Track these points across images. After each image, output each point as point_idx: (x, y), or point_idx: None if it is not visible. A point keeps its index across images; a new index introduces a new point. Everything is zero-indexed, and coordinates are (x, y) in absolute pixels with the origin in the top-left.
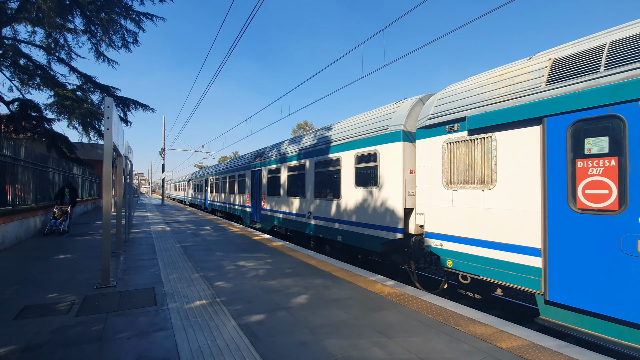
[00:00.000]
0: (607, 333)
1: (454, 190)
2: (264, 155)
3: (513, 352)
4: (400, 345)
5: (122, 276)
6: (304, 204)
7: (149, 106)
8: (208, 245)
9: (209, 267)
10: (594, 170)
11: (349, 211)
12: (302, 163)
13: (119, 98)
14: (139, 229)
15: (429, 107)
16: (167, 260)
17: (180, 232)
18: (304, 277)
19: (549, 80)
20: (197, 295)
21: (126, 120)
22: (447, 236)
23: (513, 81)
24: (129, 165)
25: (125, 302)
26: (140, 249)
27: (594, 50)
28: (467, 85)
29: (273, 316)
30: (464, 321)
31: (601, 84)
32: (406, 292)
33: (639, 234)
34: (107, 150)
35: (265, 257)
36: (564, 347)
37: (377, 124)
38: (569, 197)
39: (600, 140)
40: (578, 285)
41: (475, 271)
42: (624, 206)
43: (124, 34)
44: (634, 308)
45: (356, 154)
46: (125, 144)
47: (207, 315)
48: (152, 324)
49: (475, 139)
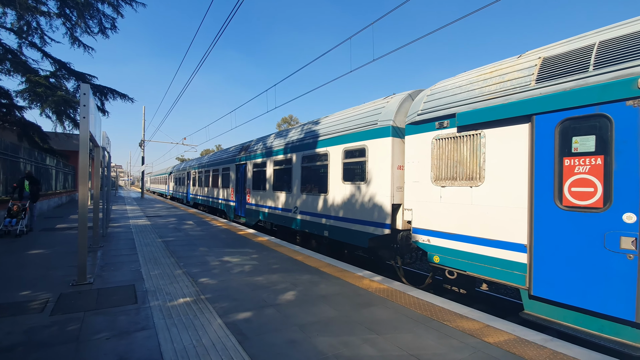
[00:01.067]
0: (588, 327)
1: (443, 186)
2: (250, 148)
3: (501, 347)
4: (390, 342)
5: (99, 273)
6: (290, 198)
7: (127, 95)
8: (191, 240)
9: (192, 263)
10: (580, 168)
11: (336, 206)
12: (288, 157)
13: (96, 86)
14: (117, 223)
15: (418, 103)
16: (148, 256)
17: (161, 227)
18: (291, 273)
19: (538, 78)
20: (180, 292)
21: (104, 110)
22: (435, 232)
23: (503, 79)
24: (107, 156)
25: (104, 300)
26: (119, 244)
27: (583, 49)
28: (457, 81)
29: (261, 313)
30: (451, 316)
31: (590, 83)
32: (394, 287)
33: (622, 231)
34: (83, 140)
35: (251, 252)
36: (548, 341)
37: (366, 118)
38: (555, 195)
39: (588, 139)
40: (562, 280)
41: (462, 267)
42: (608, 204)
43: (101, 19)
44: (614, 302)
45: (344, 149)
46: (102, 134)
47: (192, 313)
48: (133, 323)
49: (464, 136)
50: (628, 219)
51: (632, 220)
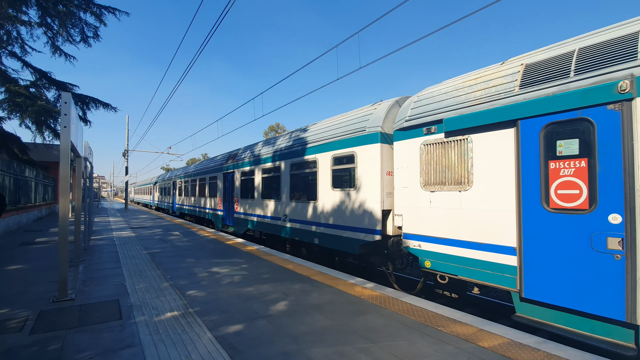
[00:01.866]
0: (579, 328)
1: (432, 191)
2: (237, 157)
3: (495, 351)
4: (386, 351)
5: (81, 288)
6: (279, 206)
7: (110, 105)
8: (178, 251)
9: (179, 275)
10: (565, 171)
11: (326, 213)
12: (277, 165)
13: (77, 96)
14: (100, 236)
15: (406, 109)
16: (133, 269)
17: (146, 238)
18: (282, 283)
19: (522, 84)
20: (167, 306)
21: (85, 120)
22: (425, 237)
23: (488, 85)
24: (89, 167)
25: (87, 317)
26: (102, 257)
27: (563, 56)
28: (443, 88)
29: (252, 326)
30: (445, 322)
31: (571, 88)
32: (386, 294)
33: (608, 232)
34: (64, 151)
35: (240, 262)
36: (542, 344)
37: (354, 125)
38: (542, 197)
39: (571, 143)
40: (552, 282)
41: (454, 271)
42: (594, 205)
43: (84, 27)
44: (604, 302)
45: (333, 156)
46: (84, 144)
47: (180, 328)
48: (118, 341)
49: (452, 141)
50: (614, 219)
51: (617, 220)
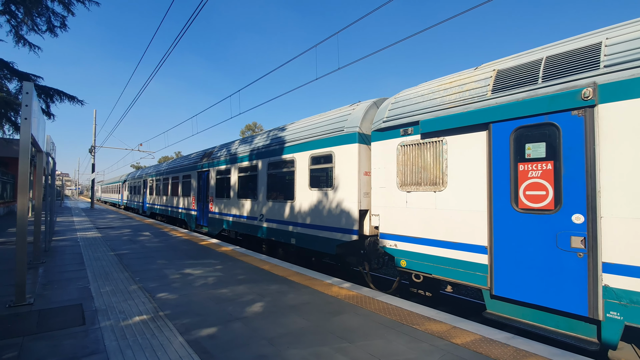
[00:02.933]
0: (545, 323)
1: (408, 191)
2: (212, 155)
3: (468, 347)
4: (362, 350)
5: (41, 292)
6: (255, 206)
7: (76, 98)
8: (148, 252)
9: (149, 277)
10: (533, 173)
11: (303, 213)
12: (254, 164)
13: (41, 88)
14: (63, 236)
15: (383, 111)
16: (99, 271)
17: (114, 239)
18: (258, 284)
19: (493, 89)
20: (135, 310)
21: (49, 113)
22: (402, 237)
23: (462, 89)
24: (51, 163)
25: (46, 323)
26: (65, 259)
27: (532, 63)
28: (419, 90)
29: (227, 328)
30: (420, 320)
31: (539, 94)
32: (363, 293)
33: (572, 231)
34: (24, 145)
35: (215, 263)
36: (511, 339)
37: (332, 125)
38: (512, 198)
39: (539, 146)
40: (520, 280)
41: (428, 270)
42: (559, 206)
43: (50, 16)
44: (568, 299)
45: (311, 155)
46: (46, 138)
47: (149, 332)
48: (80, 348)
49: (427, 142)
50: (577, 219)
51: (580, 220)
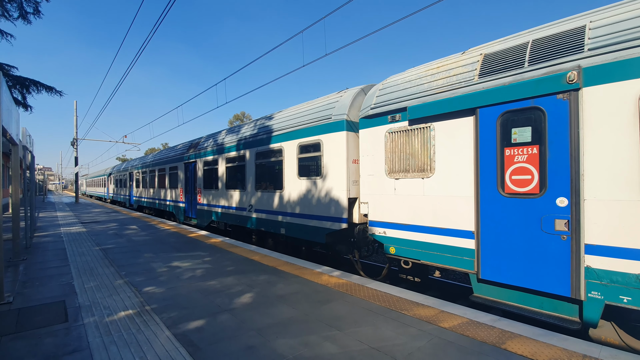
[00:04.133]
0: (530, 304)
1: (396, 179)
2: (199, 146)
3: (455, 331)
4: (351, 337)
5: (21, 290)
6: (244, 197)
7: (55, 88)
8: (134, 246)
9: (135, 272)
10: (519, 157)
11: (292, 203)
12: (242, 154)
13: (15, 78)
14: (45, 232)
15: (371, 97)
16: (83, 267)
17: (99, 233)
18: (247, 275)
19: (480, 73)
20: (121, 305)
21: (26, 105)
22: (390, 224)
23: (449, 74)
24: (29, 156)
25: (26, 322)
26: (47, 255)
27: (519, 47)
28: (407, 76)
29: (214, 321)
30: (408, 305)
31: (525, 78)
32: (352, 281)
33: (556, 214)
34: None
35: (203, 255)
36: (496, 321)
37: (320, 113)
38: (498, 183)
39: (525, 130)
40: (506, 263)
41: (417, 256)
42: (543, 190)
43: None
44: (551, 280)
45: (299, 144)
46: (22, 130)
47: (135, 327)
48: (62, 346)
49: (415, 129)
50: (561, 202)
51: (564, 204)
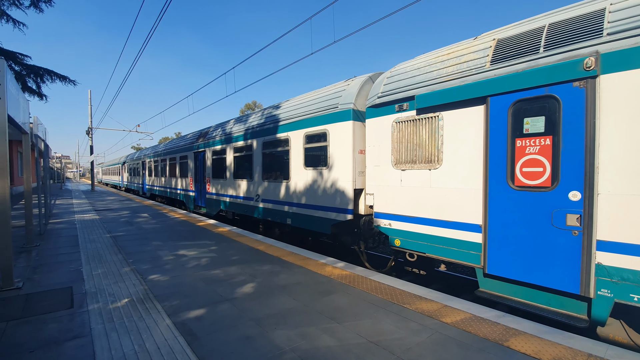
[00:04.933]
0: (537, 301)
1: (403, 170)
2: (208, 135)
3: (457, 327)
4: (350, 330)
5: (31, 275)
6: (251, 186)
7: (68, 77)
8: (144, 234)
9: (142, 259)
10: (531, 149)
11: (298, 193)
12: (249, 143)
13: (29, 67)
14: (60, 219)
15: (378, 86)
16: (92, 253)
17: (111, 221)
18: (251, 264)
19: (493, 60)
20: (125, 292)
21: (41, 94)
22: (396, 216)
23: (459, 60)
24: (42, 145)
25: (32, 307)
26: (59, 242)
27: (534, 31)
28: (415, 63)
29: (214, 310)
30: (411, 299)
31: (540, 64)
32: (356, 273)
33: (568, 209)
34: (0, 126)
35: (210, 244)
36: (501, 317)
37: (326, 102)
38: (508, 175)
39: (538, 120)
40: (513, 258)
41: (422, 249)
42: (555, 183)
43: None
44: (561, 277)
45: (305, 134)
46: (34, 119)
47: (137, 315)
48: (65, 332)
49: (423, 118)
50: (573, 196)
51: (577, 198)
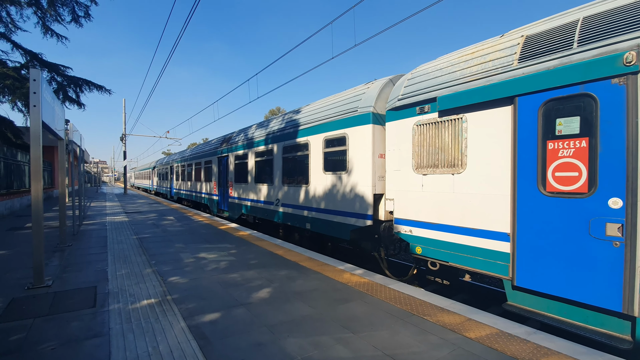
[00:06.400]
0: (573, 318)
1: (424, 174)
2: (231, 140)
3: (482, 343)
4: (365, 341)
5: (61, 274)
6: (272, 190)
7: (104, 87)
8: (168, 236)
9: (164, 261)
10: (564, 152)
11: (317, 198)
12: (269, 148)
13: (69, 78)
14: (93, 220)
15: (399, 88)
16: (119, 254)
17: (139, 223)
18: (269, 269)
19: (521, 57)
20: (145, 293)
21: (80, 103)
22: (417, 222)
23: (485, 59)
24: (77, 150)
25: (59, 305)
26: (90, 242)
27: (566, 26)
28: (438, 64)
29: (229, 314)
30: (432, 310)
31: (574, 61)
32: (375, 280)
33: (608, 217)
34: (34, 131)
35: (230, 247)
36: (531, 334)
37: (346, 106)
38: (538, 180)
39: (572, 121)
40: (546, 270)
41: (444, 257)
42: (593, 188)
43: (74, 6)
44: (600, 292)
45: (325, 138)
46: (70, 126)
47: (154, 316)
48: (85, 330)
49: (445, 121)
50: (614, 204)
51: (618, 205)
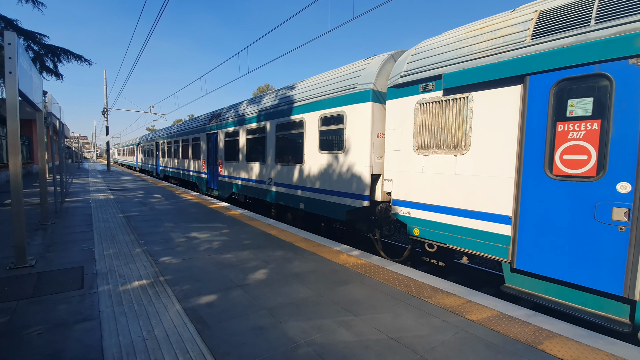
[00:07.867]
0: (571, 300)
1: (425, 155)
2: (221, 116)
3: (484, 325)
4: (368, 324)
5: (44, 253)
6: (264, 169)
7: (84, 57)
8: (156, 215)
9: (154, 240)
10: (574, 134)
11: (312, 177)
12: (262, 125)
13: (46, 46)
14: (76, 197)
15: (401, 64)
16: (105, 233)
17: (125, 201)
18: (264, 249)
19: (534, 34)
20: (136, 274)
21: (58, 73)
22: (416, 204)
23: (495, 35)
24: (57, 123)
25: (44, 286)
26: (74, 220)
27: (584, 1)
28: (444, 39)
29: (226, 296)
30: (431, 292)
31: (590, 39)
32: (372, 262)
33: (615, 202)
34: (11, 101)
35: (222, 227)
36: (531, 317)
37: (344, 82)
38: (545, 163)
39: (585, 102)
40: (547, 253)
41: (443, 239)
42: (602, 172)
43: None
44: (602, 276)
45: (321, 116)
46: (48, 97)
47: (147, 298)
48: (74, 313)
49: (450, 100)
50: (622, 188)
51: (626, 190)
